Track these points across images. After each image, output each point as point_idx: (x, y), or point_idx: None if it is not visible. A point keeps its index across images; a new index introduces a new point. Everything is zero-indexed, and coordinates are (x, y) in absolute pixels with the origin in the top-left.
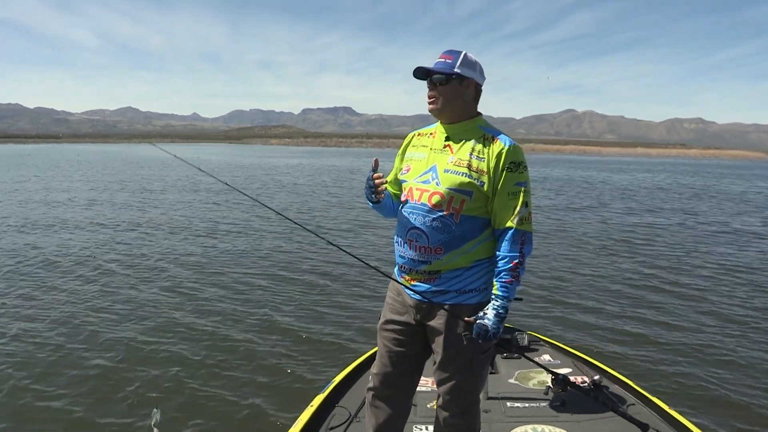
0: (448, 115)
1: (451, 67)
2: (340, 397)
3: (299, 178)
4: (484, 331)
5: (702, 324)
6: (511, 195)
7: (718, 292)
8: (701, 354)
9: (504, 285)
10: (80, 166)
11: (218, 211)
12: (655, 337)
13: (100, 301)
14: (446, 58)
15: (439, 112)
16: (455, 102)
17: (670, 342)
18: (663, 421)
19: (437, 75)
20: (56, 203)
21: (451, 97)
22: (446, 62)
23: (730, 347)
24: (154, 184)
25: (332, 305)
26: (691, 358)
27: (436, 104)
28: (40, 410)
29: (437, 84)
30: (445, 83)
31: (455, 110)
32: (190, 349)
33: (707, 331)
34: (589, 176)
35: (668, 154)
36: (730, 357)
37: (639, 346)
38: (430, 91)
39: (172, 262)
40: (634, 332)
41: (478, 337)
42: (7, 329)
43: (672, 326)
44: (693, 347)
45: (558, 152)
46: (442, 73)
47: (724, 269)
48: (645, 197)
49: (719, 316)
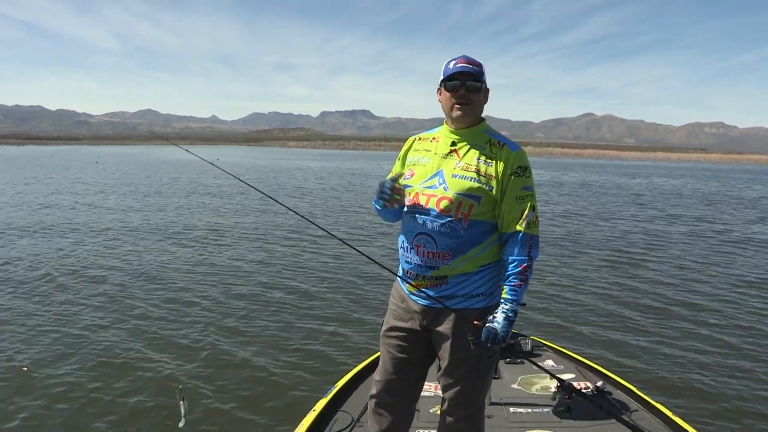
0: (468, 122)
1: (482, 75)
2: (342, 401)
3: (318, 181)
4: (494, 334)
5: (708, 332)
6: (519, 199)
7: (726, 301)
8: (707, 362)
9: (513, 288)
10: (108, 169)
11: (233, 215)
12: (660, 344)
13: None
14: (474, 65)
15: (469, 117)
16: (479, 109)
17: (674, 350)
18: (667, 428)
19: (473, 82)
20: (86, 207)
21: (479, 105)
22: (475, 69)
23: (736, 355)
24: (180, 187)
25: (336, 310)
26: (696, 366)
27: (469, 109)
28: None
29: (470, 90)
30: (478, 91)
31: (475, 117)
32: (189, 353)
33: (713, 340)
34: (608, 180)
35: (688, 159)
36: (735, 365)
37: (643, 352)
38: (461, 96)
39: (187, 265)
40: (638, 339)
41: (487, 341)
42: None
43: (677, 334)
44: (698, 355)
45: (577, 156)
46: (479, 81)
47: (734, 278)
48: (660, 203)
49: (725, 325)
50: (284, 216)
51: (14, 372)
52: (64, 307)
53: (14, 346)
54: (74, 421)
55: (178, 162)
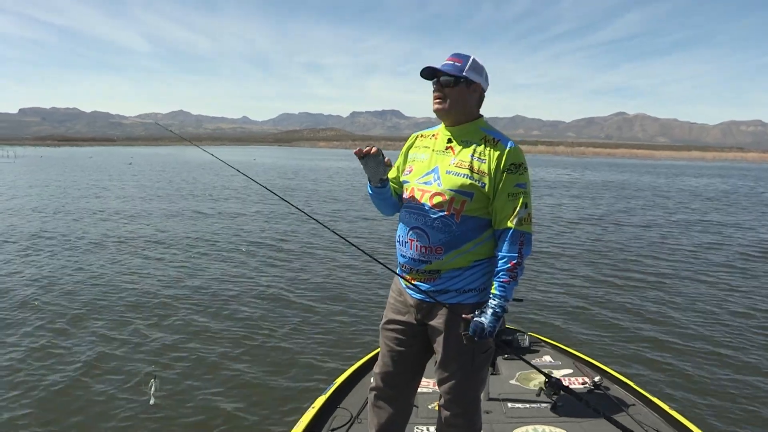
0: (453, 118)
1: (460, 71)
2: (341, 398)
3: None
4: (480, 328)
5: (707, 329)
6: (510, 196)
7: (727, 299)
8: (705, 357)
9: (502, 285)
10: (143, 171)
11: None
12: (657, 339)
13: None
14: (455, 61)
15: (446, 113)
16: (460, 105)
17: (671, 344)
18: (664, 422)
19: (446, 77)
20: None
21: (457, 100)
22: (455, 65)
23: (735, 351)
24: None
25: (335, 307)
26: (694, 361)
27: (442, 105)
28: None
29: (444, 86)
30: (452, 86)
31: (459, 113)
32: (190, 346)
33: (712, 336)
34: (637, 180)
35: (724, 158)
36: (734, 360)
37: (641, 348)
38: (436, 92)
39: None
40: (635, 335)
41: (474, 335)
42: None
43: (674, 329)
44: (696, 350)
45: (609, 156)
46: (451, 75)
47: (738, 274)
48: (674, 203)
49: (725, 323)
50: (286, 208)
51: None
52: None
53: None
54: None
55: (211, 163)
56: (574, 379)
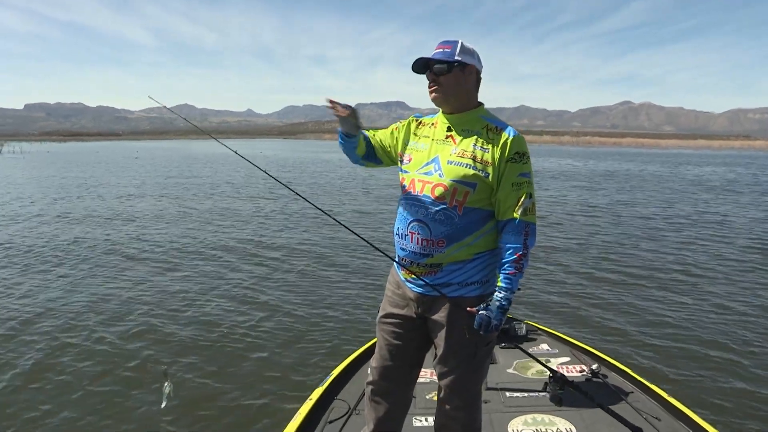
0: (452, 105)
1: (451, 56)
2: (339, 390)
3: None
4: (486, 322)
5: (704, 317)
6: (515, 186)
7: (723, 285)
8: (702, 344)
9: (507, 277)
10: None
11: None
12: (655, 327)
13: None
14: (444, 48)
15: (444, 101)
16: (458, 91)
17: (670, 333)
18: (662, 409)
19: (438, 65)
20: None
21: (454, 86)
22: (445, 51)
23: (734, 338)
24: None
25: (331, 297)
26: (692, 349)
27: (439, 93)
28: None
29: (438, 74)
30: (447, 72)
31: (459, 99)
32: (185, 337)
33: (709, 324)
34: (640, 168)
35: (731, 146)
36: (732, 347)
37: (639, 335)
38: (431, 82)
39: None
40: (633, 322)
41: (479, 329)
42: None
43: (673, 317)
44: (695, 338)
45: (615, 145)
46: (443, 61)
47: (734, 261)
48: (673, 191)
49: (724, 309)
50: (287, 197)
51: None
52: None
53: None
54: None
55: (218, 155)
56: (572, 367)
